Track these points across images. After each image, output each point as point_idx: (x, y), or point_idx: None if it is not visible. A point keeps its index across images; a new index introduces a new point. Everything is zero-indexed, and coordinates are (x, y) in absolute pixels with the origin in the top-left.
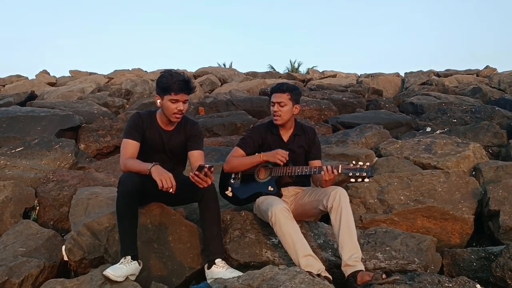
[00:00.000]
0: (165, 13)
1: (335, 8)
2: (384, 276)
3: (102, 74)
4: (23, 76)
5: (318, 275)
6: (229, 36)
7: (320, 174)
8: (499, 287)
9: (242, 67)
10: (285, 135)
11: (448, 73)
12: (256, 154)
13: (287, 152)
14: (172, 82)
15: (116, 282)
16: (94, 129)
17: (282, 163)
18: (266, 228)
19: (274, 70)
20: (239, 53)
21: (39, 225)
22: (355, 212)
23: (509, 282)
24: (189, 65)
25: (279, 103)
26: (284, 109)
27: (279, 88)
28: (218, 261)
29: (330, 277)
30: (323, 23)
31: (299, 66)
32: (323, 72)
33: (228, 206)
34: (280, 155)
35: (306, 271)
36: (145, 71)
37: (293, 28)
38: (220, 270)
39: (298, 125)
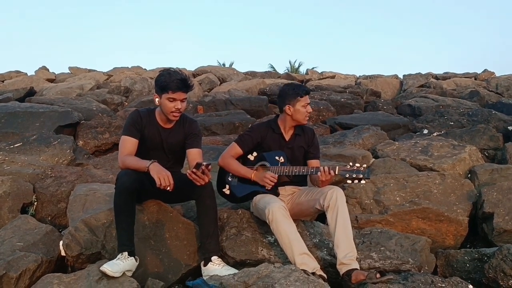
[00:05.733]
0: (165, 11)
1: (336, 9)
2: (378, 275)
3: (101, 71)
4: (22, 72)
5: (313, 273)
6: (230, 35)
7: (317, 175)
8: None
9: (243, 67)
10: (287, 135)
11: (446, 76)
12: (250, 170)
13: (275, 175)
14: (170, 80)
15: (112, 277)
16: (93, 126)
17: (269, 187)
18: (262, 226)
19: (275, 70)
20: (239, 52)
21: (37, 221)
22: (351, 212)
23: (501, 284)
24: (189, 64)
25: (309, 103)
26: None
27: (308, 90)
28: (214, 258)
29: (325, 275)
30: (324, 23)
31: (299, 66)
32: (322, 73)
33: (225, 204)
34: (268, 179)
35: (301, 269)
36: (145, 69)
37: (294, 28)
38: (216, 267)
39: (298, 125)
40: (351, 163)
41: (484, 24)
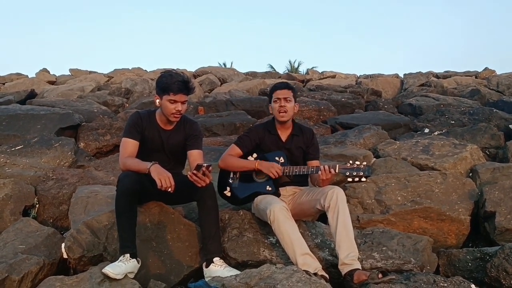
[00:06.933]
0: (165, 12)
1: (335, 9)
2: (380, 275)
3: (102, 73)
4: (23, 74)
5: (315, 274)
6: (230, 35)
7: (317, 174)
8: (494, 287)
9: (243, 67)
10: (284, 135)
11: (447, 75)
12: (252, 160)
13: (281, 167)
14: (171, 82)
15: (115, 279)
16: (94, 127)
17: (274, 177)
18: (264, 227)
19: (274, 70)
20: (239, 52)
21: (38, 223)
22: (352, 212)
23: (504, 283)
24: (190, 65)
25: (285, 98)
26: (289, 105)
27: (285, 85)
28: (216, 259)
29: (327, 276)
30: (323, 23)
31: (299, 66)
32: (322, 72)
33: (226, 205)
34: (274, 170)
35: (303, 270)
36: (145, 70)
37: (294, 28)
38: (218, 268)
39: (296, 125)
40: (351, 161)
41: (485, 22)
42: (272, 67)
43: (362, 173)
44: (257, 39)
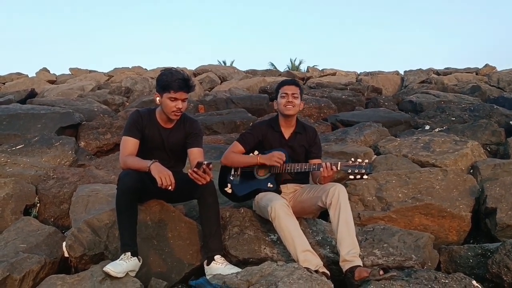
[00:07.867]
0: (165, 10)
1: (336, 6)
2: (381, 272)
3: (102, 72)
4: (23, 74)
5: (316, 271)
6: (230, 34)
7: (319, 171)
8: (495, 283)
9: (243, 65)
10: (287, 133)
11: (447, 72)
12: (254, 155)
13: (282, 153)
14: (172, 80)
15: (116, 278)
16: (94, 126)
17: (279, 165)
18: (265, 224)
19: (275, 67)
20: (240, 51)
21: (39, 222)
22: (353, 209)
23: (505, 279)
24: (190, 63)
25: (293, 94)
26: (296, 101)
27: (293, 82)
28: (217, 257)
29: (328, 273)
30: (323, 21)
31: (300, 64)
32: (322, 70)
33: (227, 203)
34: (276, 157)
35: (304, 267)
36: (145, 69)
37: (294, 26)
38: (219, 266)
39: (299, 123)
40: (352, 159)
41: (485, 18)
42: (273, 64)
43: (364, 171)
44: (257, 37)
